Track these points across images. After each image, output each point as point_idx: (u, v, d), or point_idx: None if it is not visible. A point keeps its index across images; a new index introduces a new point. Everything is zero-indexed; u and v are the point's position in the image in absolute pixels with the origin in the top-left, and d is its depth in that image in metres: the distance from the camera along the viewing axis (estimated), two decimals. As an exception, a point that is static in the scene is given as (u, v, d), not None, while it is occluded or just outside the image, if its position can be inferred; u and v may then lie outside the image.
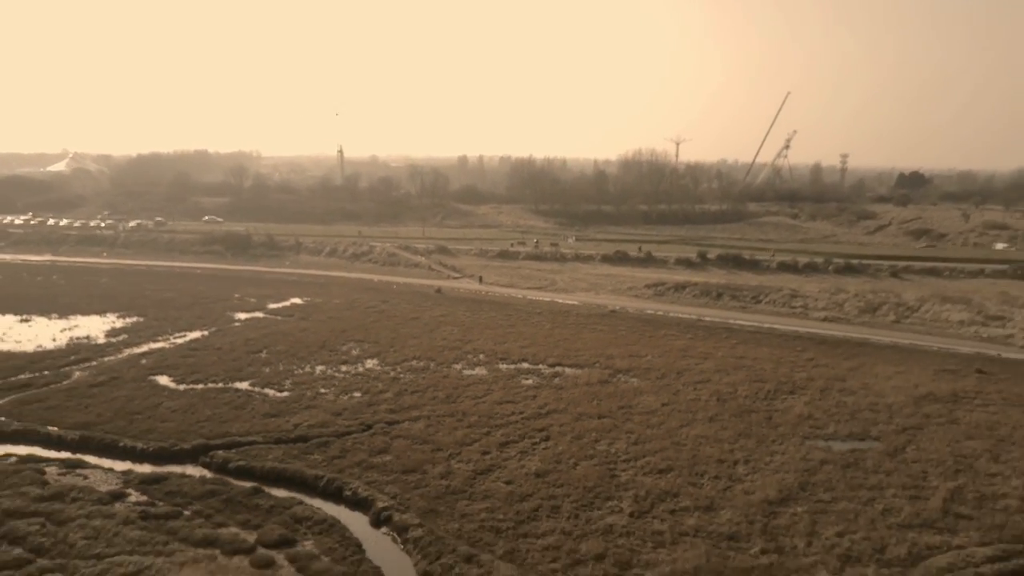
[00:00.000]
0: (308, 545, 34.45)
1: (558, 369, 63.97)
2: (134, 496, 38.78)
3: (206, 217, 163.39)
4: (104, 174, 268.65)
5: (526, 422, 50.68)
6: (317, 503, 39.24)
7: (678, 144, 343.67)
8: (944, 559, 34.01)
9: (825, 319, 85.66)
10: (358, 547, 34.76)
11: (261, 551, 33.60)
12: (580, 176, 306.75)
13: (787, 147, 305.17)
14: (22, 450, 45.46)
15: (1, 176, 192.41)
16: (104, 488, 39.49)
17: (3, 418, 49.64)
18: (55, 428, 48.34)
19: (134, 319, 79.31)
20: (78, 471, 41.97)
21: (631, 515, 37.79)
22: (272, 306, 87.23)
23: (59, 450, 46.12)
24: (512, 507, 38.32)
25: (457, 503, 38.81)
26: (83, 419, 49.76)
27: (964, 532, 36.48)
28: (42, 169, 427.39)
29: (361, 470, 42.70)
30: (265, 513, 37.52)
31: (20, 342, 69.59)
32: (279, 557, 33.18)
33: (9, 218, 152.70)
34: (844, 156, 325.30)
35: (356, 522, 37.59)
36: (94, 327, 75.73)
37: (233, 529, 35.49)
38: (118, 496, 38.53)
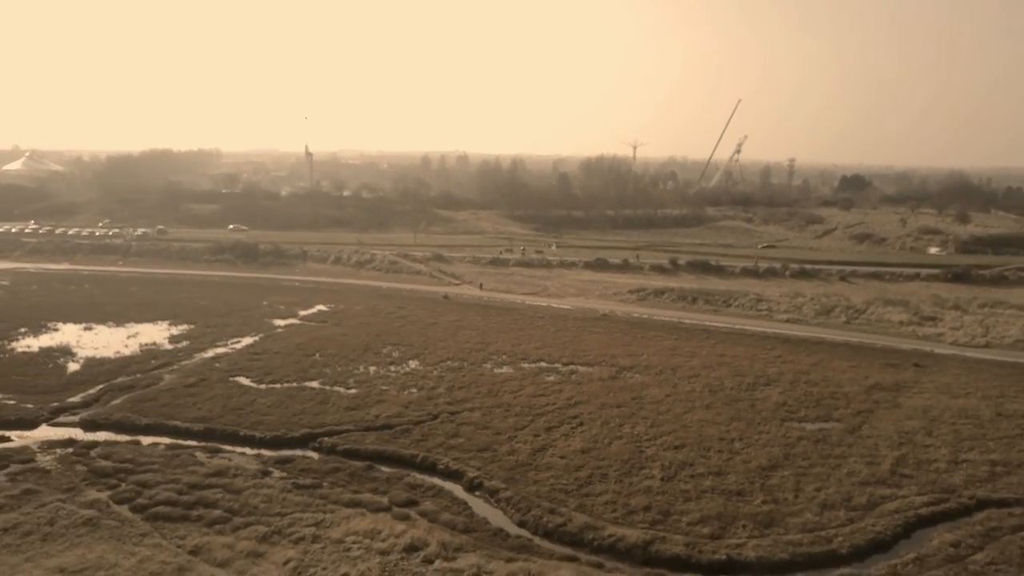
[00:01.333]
0: (428, 504, 45.77)
1: (572, 367, 75.87)
2: (277, 473, 49.54)
3: (231, 226, 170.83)
4: (76, 176, 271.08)
5: (560, 411, 62.54)
6: (420, 476, 50.51)
7: (635, 148, 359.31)
8: (893, 505, 46.90)
9: (787, 320, 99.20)
10: (465, 505, 46.25)
11: (396, 509, 44.80)
12: (540, 177, 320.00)
13: (738, 151, 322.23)
14: (162, 439, 55.59)
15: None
16: (251, 467, 50.16)
17: (130, 414, 59.55)
18: (177, 422, 58.50)
19: (185, 326, 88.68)
20: (220, 455, 52.49)
21: (662, 479, 49.97)
22: (303, 313, 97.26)
23: (186, 439, 56.29)
24: (571, 475, 50.18)
25: (527, 473, 50.50)
26: (199, 414, 60.03)
27: (907, 486, 49.48)
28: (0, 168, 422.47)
29: (444, 450, 54.07)
30: (385, 483, 48.71)
31: (97, 348, 78.73)
32: (412, 512, 44.45)
33: (18, 226, 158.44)
34: (791, 160, 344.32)
35: (455, 489, 48.98)
36: (154, 334, 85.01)
37: (367, 495, 46.57)
38: (265, 472, 49.27)
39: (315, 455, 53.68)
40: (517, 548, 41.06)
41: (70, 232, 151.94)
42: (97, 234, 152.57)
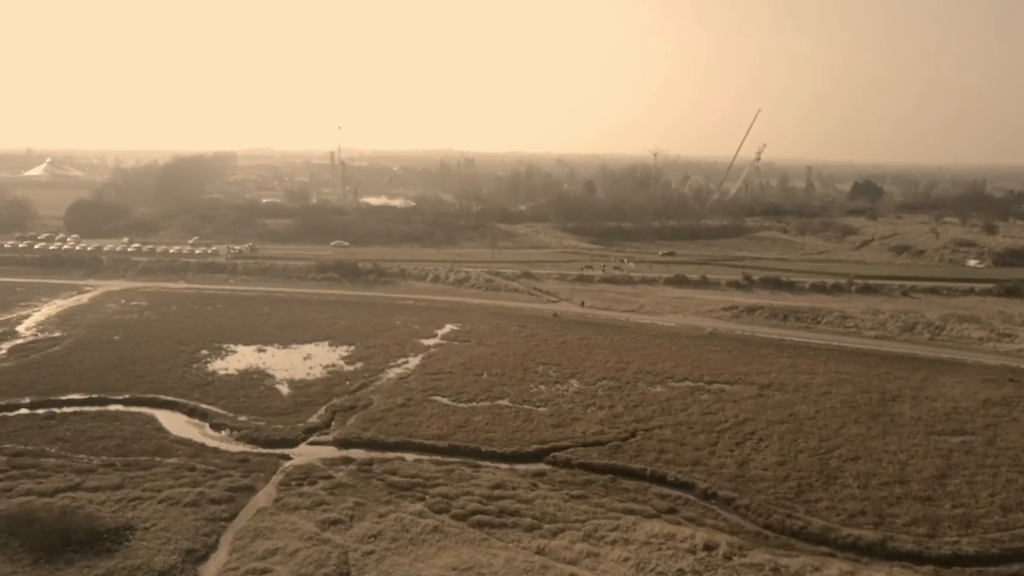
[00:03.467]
0: (686, 511, 55.38)
1: (716, 386, 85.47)
2: (543, 485, 58.96)
3: (334, 242, 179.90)
4: (120, 185, 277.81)
5: (736, 428, 72.23)
6: (657, 487, 60.04)
7: (655, 155, 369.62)
8: (1059, 507, 57.07)
9: (876, 337, 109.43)
10: (715, 511, 55.99)
11: (665, 516, 54.45)
12: (555, 181, 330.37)
13: (758, 159, 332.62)
14: (419, 456, 64.75)
15: (76, 200, 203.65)
16: (518, 479, 59.50)
17: (376, 433, 68.72)
18: (419, 439, 67.77)
19: (346, 347, 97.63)
20: (482, 469, 61.84)
21: (858, 487, 59.86)
22: (439, 332, 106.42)
23: (433, 455, 65.53)
24: (782, 485, 59.97)
25: (745, 484, 60.20)
26: (432, 432, 69.32)
27: (1063, 491, 59.67)
28: (22, 174, 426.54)
29: (663, 464, 63.64)
30: (635, 493, 58.31)
31: (287, 370, 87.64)
32: (679, 518, 54.08)
33: (120, 244, 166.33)
34: (809, 168, 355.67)
35: (693, 498, 58.56)
36: (325, 356, 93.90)
37: (631, 503, 56.11)
38: (535, 485, 58.65)
39: (556, 468, 63.04)
40: (782, 546, 50.86)
41: (171, 251, 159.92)
42: (197, 252, 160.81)
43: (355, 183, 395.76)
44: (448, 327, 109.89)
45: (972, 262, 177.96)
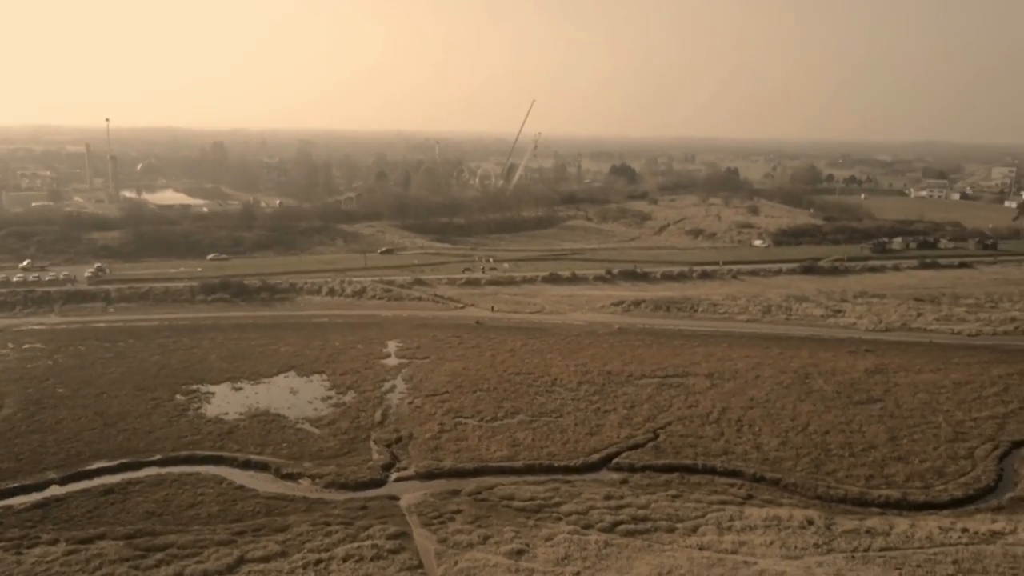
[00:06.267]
0: (759, 494, 68.85)
1: (672, 380, 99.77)
2: (639, 491, 69.24)
3: (211, 255, 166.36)
4: None
5: (723, 418, 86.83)
6: (717, 478, 72.84)
7: (438, 143, 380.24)
8: (987, 446, 78.51)
9: (747, 320, 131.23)
10: (778, 491, 70.02)
11: (750, 500, 67.47)
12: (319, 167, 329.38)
13: (535, 147, 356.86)
14: (506, 478, 71.69)
15: None
16: (618, 488, 69.27)
17: (452, 462, 74.16)
18: (491, 463, 74.47)
19: (317, 376, 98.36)
20: (574, 483, 70.56)
21: (850, 456, 77.19)
22: (389, 351, 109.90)
23: (512, 475, 72.78)
24: (800, 461, 75.49)
25: (773, 465, 74.95)
26: (495, 454, 76.03)
27: (973, 437, 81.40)
28: None
29: (706, 457, 76.39)
30: (707, 486, 70.61)
31: (291, 408, 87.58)
32: (760, 501, 67.41)
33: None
34: (579, 155, 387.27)
35: (746, 483, 72.11)
36: (309, 388, 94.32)
37: (718, 495, 68.32)
38: (636, 493, 68.78)
39: (626, 473, 73.50)
40: (844, 513, 66.14)
41: (15, 279, 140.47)
42: (47, 279, 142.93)
43: (101, 174, 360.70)
44: (392, 344, 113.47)
45: (757, 242, 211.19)
